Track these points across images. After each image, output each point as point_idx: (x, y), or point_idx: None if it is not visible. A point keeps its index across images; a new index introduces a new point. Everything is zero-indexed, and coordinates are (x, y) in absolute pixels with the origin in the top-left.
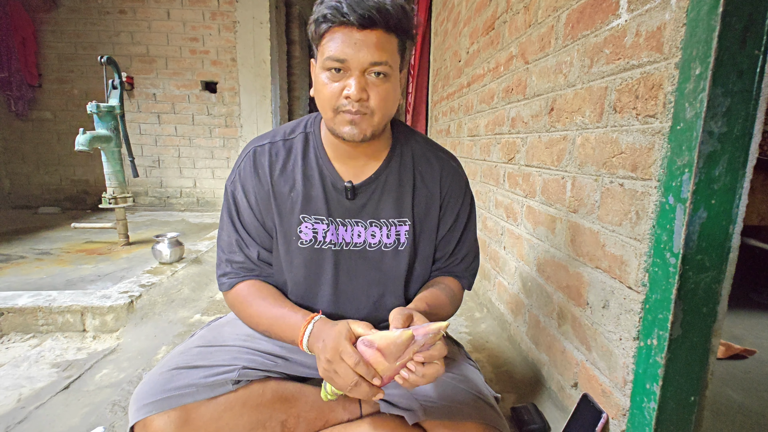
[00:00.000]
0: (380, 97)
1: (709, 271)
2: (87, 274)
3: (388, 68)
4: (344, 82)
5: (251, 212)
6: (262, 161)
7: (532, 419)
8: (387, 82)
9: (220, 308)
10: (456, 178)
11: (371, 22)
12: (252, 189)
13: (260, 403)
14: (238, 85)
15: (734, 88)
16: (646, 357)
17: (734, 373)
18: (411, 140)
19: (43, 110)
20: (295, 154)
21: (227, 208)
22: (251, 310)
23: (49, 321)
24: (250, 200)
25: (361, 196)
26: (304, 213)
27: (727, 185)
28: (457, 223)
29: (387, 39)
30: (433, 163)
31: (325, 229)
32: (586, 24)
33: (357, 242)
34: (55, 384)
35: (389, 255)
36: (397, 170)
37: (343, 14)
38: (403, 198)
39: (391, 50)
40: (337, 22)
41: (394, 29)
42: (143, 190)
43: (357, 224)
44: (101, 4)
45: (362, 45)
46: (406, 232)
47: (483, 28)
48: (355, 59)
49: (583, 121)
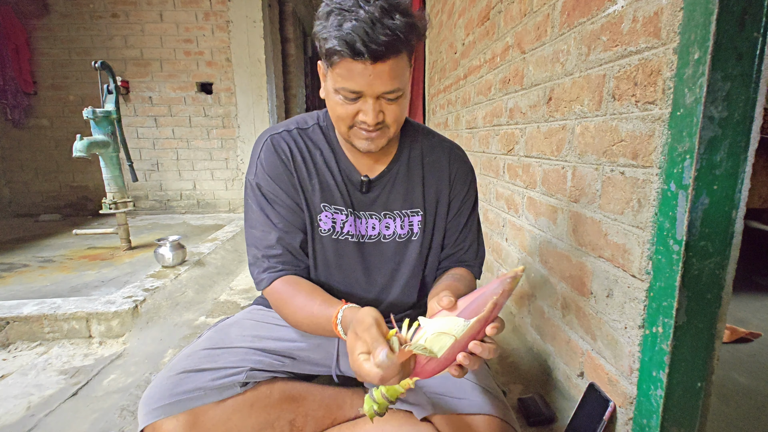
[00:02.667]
0: (395, 115)
1: (713, 256)
2: (91, 280)
3: (400, 92)
4: (359, 106)
5: (286, 197)
6: (282, 147)
7: (539, 410)
8: (400, 99)
9: (224, 310)
10: (462, 164)
11: (384, 55)
12: (279, 175)
13: (268, 404)
14: (234, 85)
15: (734, 72)
16: (651, 345)
17: (740, 357)
18: (417, 134)
19: (39, 117)
20: (312, 144)
21: (257, 201)
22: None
23: (54, 328)
24: (282, 186)
25: (375, 189)
26: (324, 201)
27: (729, 170)
28: (463, 209)
29: (398, 63)
30: (440, 153)
31: (344, 220)
32: (582, 11)
33: (371, 234)
34: (63, 391)
35: (403, 245)
36: (407, 163)
37: (356, 52)
38: (414, 189)
39: (402, 71)
40: (349, 56)
41: (405, 49)
42: (143, 194)
43: (371, 217)
44: (93, 9)
45: (376, 77)
46: (418, 222)
47: (478, 18)
48: (369, 90)
49: (582, 109)
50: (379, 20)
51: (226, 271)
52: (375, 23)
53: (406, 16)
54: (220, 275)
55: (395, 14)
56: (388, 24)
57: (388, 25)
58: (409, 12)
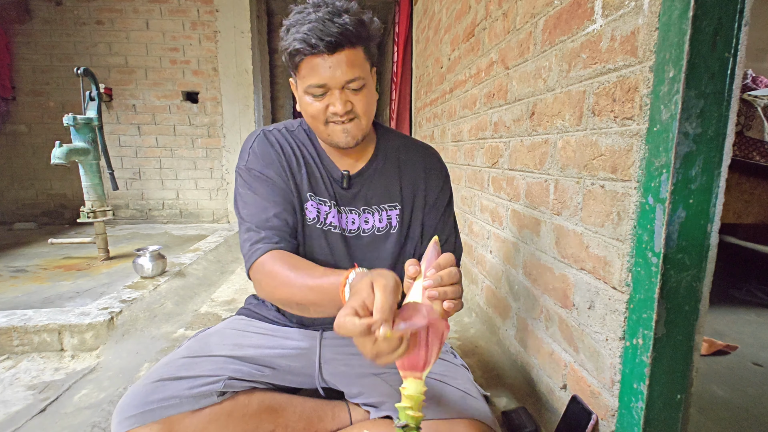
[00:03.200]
0: (362, 103)
1: (690, 269)
2: (65, 291)
3: (361, 81)
4: (328, 100)
5: (279, 179)
6: (274, 140)
7: (523, 423)
8: (364, 89)
9: (204, 322)
10: (436, 161)
11: (338, 45)
12: (272, 161)
13: (246, 414)
14: (221, 95)
15: (707, 90)
16: (632, 357)
17: (718, 369)
18: (392, 135)
19: (17, 123)
20: (299, 142)
21: (249, 184)
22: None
23: (24, 341)
24: (274, 169)
25: (355, 186)
26: (311, 191)
27: (704, 185)
28: (438, 203)
29: (355, 54)
30: (414, 151)
31: (327, 211)
32: (563, 30)
33: (352, 228)
34: (30, 407)
35: (382, 238)
36: (384, 160)
37: (312, 45)
38: (391, 184)
39: (360, 62)
40: (309, 53)
41: (359, 43)
42: (124, 202)
43: (351, 212)
44: (77, 15)
45: (336, 67)
46: (396, 216)
47: (463, 35)
48: (332, 80)
49: (563, 124)
50: (329, 20)
51: (208, 282)
52: (325, 22)
53: (353, 15)
54: (201, 286)
55: (343, 15)
56: (337, 21)
57: (337, 22)
58: (355, 12)
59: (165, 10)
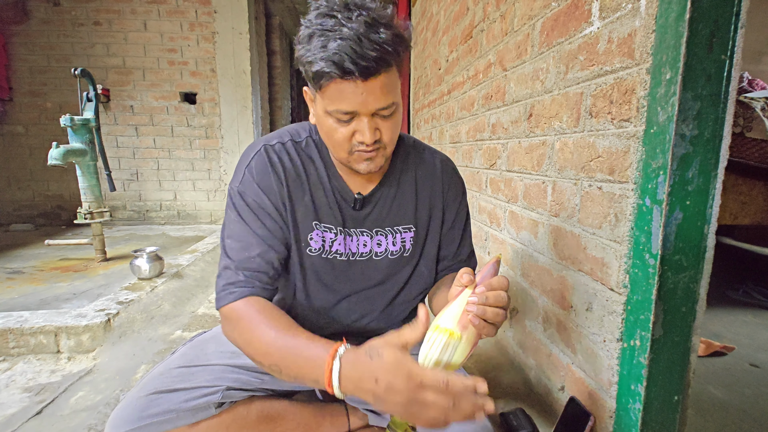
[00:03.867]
0: (390, 131)
1: (687, 270)
2: (62, 293)
3: (394, 107)
4: (354, 126)
5: (273, 208)
6: (276, 159)
7: (521, 424)
8: (395, 114)
9: (202, 323)
10: (454, 176)
11: (375, 71)
12: (270, 186)
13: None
14: (219, 96)
15: (703, 92)
16: (629, 358)
17: (715, 370)
18: (407, 147)
19: (14, 124)
20: (306, 158)
21: (238, 212)
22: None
23: (20, 343)
24: (271, 198)
25: (367, 206)
26: (316, 220)
27: (701, 186)
28: (457, 220)
29: (389, 77)
30: (431, 166)
31: (333, 239)
32: (560, 32)
33: (363, 252)
34: (26, 409)
35: (395, 262)
36: (398, 179)
37: (345, 71)
38: (406, 205)
39: (393, 86)
40: (339, 77)
41: (395, 62)
42: (121, 204)
43: (363, 234)
44: (75, 16)
45: (369, 93)
46: (411, 239)
47: (461, 36)
48: (363, 108)
49: (561, 126)
50: (365, 36)
51: (206, 284)
52: (362, 39)
53: (391, 28)
54: (199, 288)
55: (380, 28)
56: (374, 39)
57: (375, 39)
58: (393, 24)
59: (163, 11)
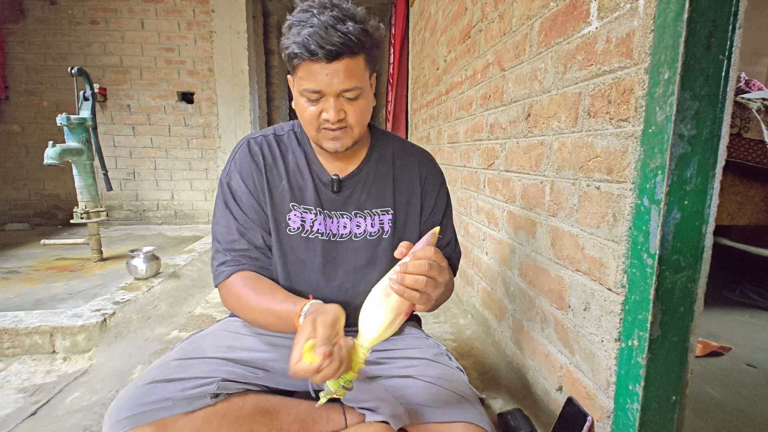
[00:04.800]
0: (356, 114)
1: (685, 270)
2: (57, 293)
3: (358, 90)
4: (322, 106)
5: (251, 196)
6: (256, 149)
7: (518, 425)
8: (360, 99)
9: (198, 323)
10: (432, 167)
11: (338, 54)
12: (249, 174)
13: (240, 416)
14: (216, 96)
15: (701, 92)
16: (627, 358)
17: (712, 371)
18: (388, 139)
19: (10, 123)
20: (285, 148)
21: (224, 199)
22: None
23: (15, 343)
24: (248, 185)
25: (346, 189)
26: (293, 201)
27: (699, 186)
28: (436, 208)
29: (354, 63)
30: (410, 156)
31: (313, 219)
32: (558, 32)
33: (343, 233)
34: (21, 410)
35: (374, 243)
36: (377, 164)
37: (311, 52)
38: (384, 189)
39: (359, 72)
40: (307, 59)
41: (359, 51)
42: (118, 203)
43: (343, 216)
44: (72, 15)
45: (333, 75)
46: (389, 221)
47: (460, 36)
48: (328, 88)
49: (559, 126)
50: (332, 26)
51: (203, 284)
52: (328, 28)
53: (358, 23)
54: (196, 288)
55: (348, 21)
56: (340, 29)
57: (341, 29)
58: (362, 20)
59: (160, 9)
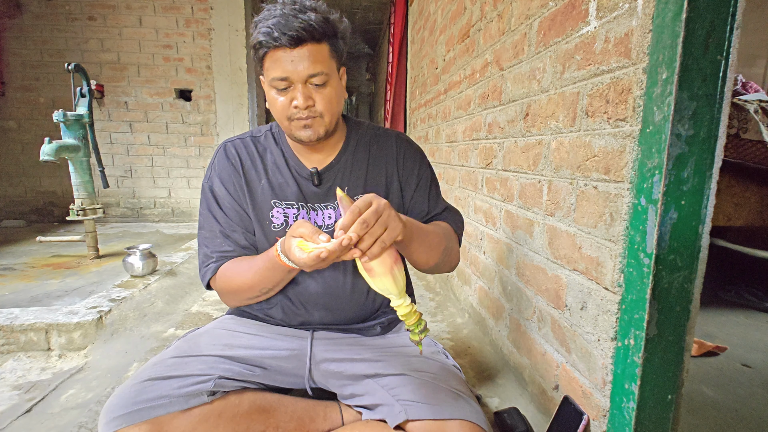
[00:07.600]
0: (325, 101)
1: (682, 270)
2: (53, 290)
3: (325, 76)
4: (291, 94)
5: (231, 198)
6: (234, 153)
7: (515, 423)
8: (328, 86)
9: (195, 321)
10: (408, 145)
11: (300, 40)
12: (228, 177)
13: (237, 414)
14: (214, 93)
15: (699, 92)
16: (624, 357)
17: (707, 370)
18: (363, 129)
19: (6, 120)
20: (263, 148)
21: (206, 204)
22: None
23: (10, 340)
24: (228, 188)
25: (326, 181)
26: (274, 198)
27: (696, 186)
28: (421, 183)
29: (318, 49)
30: (386, 139)
31: (296, 214)
32: (557, 31)
33: (329, 224)
34: (16, 407)
35: None
36: (354, 153)
37: (275, 39)
38: (364, 176)
39: (324, 59)
40: (272, 47)
41: (322, 39)
42: (114, 201)
43: (327, 207)
44: (69, 11)
45: (298, 61)
46: None
47: (458, 35)
48: (295, 74)
49: (557, 125)
50: (293, 15)
51: (200, 282)
52: (289, 17)
53: (320, 14)
54: (192, 285)
55: (309, 12)
56: (301, 17)
57: (302, 18)
58: (324, 12)
59: (158, 6)
